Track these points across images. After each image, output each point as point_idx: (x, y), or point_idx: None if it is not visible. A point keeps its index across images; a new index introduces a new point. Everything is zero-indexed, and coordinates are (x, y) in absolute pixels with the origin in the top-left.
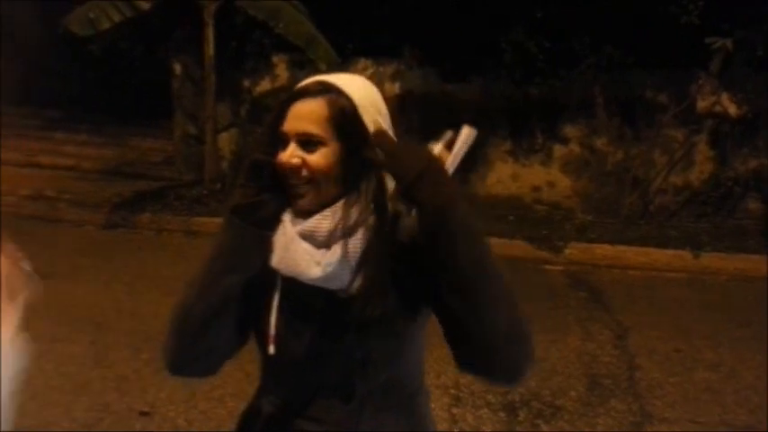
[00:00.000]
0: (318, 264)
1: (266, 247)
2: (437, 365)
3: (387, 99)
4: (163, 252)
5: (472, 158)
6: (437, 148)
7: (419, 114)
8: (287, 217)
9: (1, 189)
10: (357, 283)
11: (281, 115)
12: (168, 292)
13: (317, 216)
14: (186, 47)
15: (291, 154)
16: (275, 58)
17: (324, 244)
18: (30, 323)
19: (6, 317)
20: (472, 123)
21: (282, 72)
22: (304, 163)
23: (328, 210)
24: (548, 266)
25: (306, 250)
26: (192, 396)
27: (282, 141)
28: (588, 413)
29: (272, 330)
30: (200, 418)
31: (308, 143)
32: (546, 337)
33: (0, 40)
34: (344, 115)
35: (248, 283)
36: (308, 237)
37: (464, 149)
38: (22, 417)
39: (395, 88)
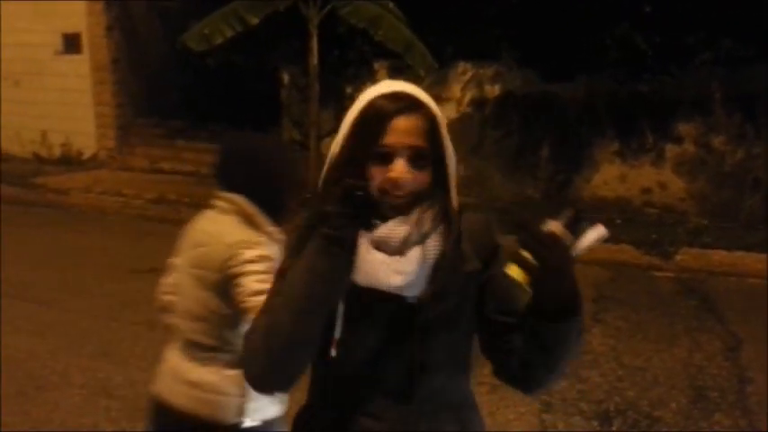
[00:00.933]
0: (398, 272)
1: (349, 270)
2: None
3: (487, 101)
4: None
5: (577, 160)
6: (557, 227)
7: (520, 115)
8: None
9: (130, 193)
10: (429, 289)
11: (377, 131)
12: None
13: (390, 224)
14: (293, 57)
15: (405, 170)
16: (376, 65)
17: (397, 251)
18: (149, 315)
19: None
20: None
21: (383, 78)
22: (413, 179)
23: (401, 218)
24: (657, 273)
25: (380, 260)
26: None
27: (386, 156)
28: (689, 426)
29: (337, 335)
30: None
31: (420, 157)
32: (650, 346)
33: (130, 57)
34: (435, 128)
35: None
36: (380, 245)
37: (590, 246)
38: (138, 398)
39: (495, 90)
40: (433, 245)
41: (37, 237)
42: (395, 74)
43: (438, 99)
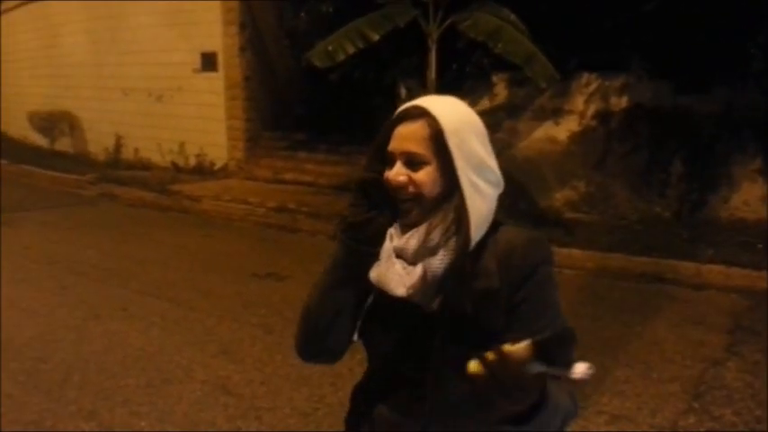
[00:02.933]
0: (403, 284)
1: (372, 261)
2: (653, 402)
3: (613, 113)
4: None
5: (713, 178)
6: (520, 348)
7: (649, 129)
8: (392, 230)
9: (254, 201)
10: (438, 300)
11: (386, 137)
12: None
13: (407, 234)
14: (411, 71)
15: (398, 172)
16: (495, 78)
17: (411, 261)
18: (267, 319)
19: None
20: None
21: (501, 91)
22: (410, 180)
23: (415, 229)
24: None
25: (396, 270)
26: None
27: (390, 160)
28: None
29: (359, 323)
30: None
31: (413, 162)
32: None
33: (260, 74)
34: (439, 136)
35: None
36: (400, 253)
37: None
38: (254, 398)
39: (622, 102)
40: (442, 258)
41: (171, 239)
42: (514, 86)
43: (560, 112)
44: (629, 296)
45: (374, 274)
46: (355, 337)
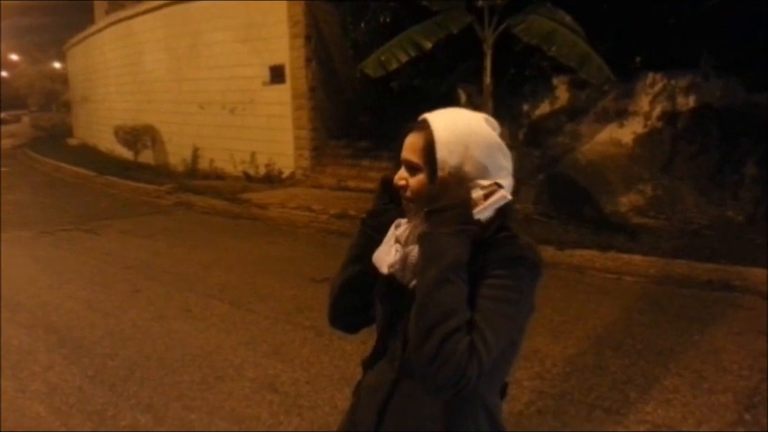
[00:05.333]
0: (387, 263)
1: (378, 246)
2: (700, 412)
3: (680, 114)
4: None
5: None
6: (476, 193)
7: (719, 129)
8: (400, 221)
9: (318, 208)
10: (414, 281)
11: (401, 146)
12: None
13: (407, 224)
14: (469, 77)
15: (399, 176)
16: (555, 80)
17: (404, 246)
18: (318, 322)
19: None
20: None
21: (563, 93)
22: (407, 184)
23: (413, 220)
24: None
25: (390, 251)
26: None
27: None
28: None
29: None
30: None
31: (411, 168)
32: None
33: (325, 85)
34: (430, 147)
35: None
36: (397, 240)
37: (492, 208)
38: (298, 396)
39: (689, 102)
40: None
41: (238, 245)
42: (575, 88)
43: (624, 113)
44: (691, 304)
45: (374, 255)
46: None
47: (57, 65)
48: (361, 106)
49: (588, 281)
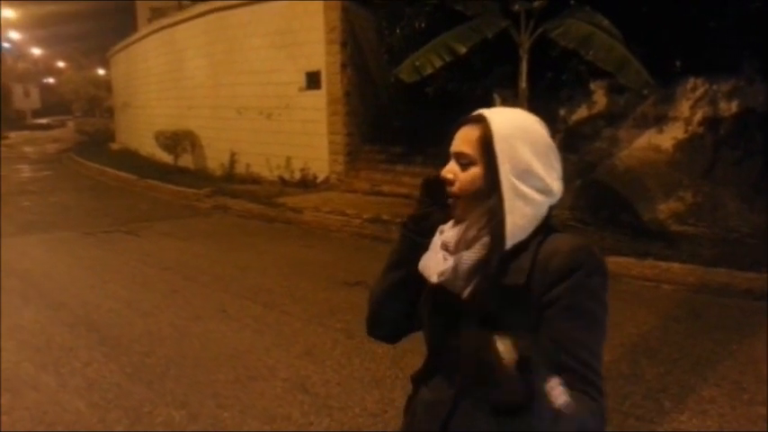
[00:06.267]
0: (437, 272)
1: (422, 251)
2: (737, 422)
3: (722, 119)
4: None
5: None
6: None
7: (763, 134)
8: (445, 226)
9: (351, 213)
10: (468, 290)
11: (451, 140)
12: None
13: (453, 229)
14: (505, 81)
15: (448, 169)
16: (593, 85)
17: (452, 253)
18: (350, 324)
19: None
20: None
21: (600, 98)
22: (456, 177)
23: (460, 225)
24: None
25: (438, 258)
26: None
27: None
28: None
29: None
30: None
31: (463, 161)
32: None
33: (360, 90)
34: (487, 140)
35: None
36: (444, 246)
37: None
38: (328, 397)
39: (732, 107)
40: (474, 252)
41: (273, 248)
42: (614, 93)
43: (664, 119)
44: (730, 313)
45: (421, 263)
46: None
47: (100, 71)
48: (395, 111)
49: (624, 288)
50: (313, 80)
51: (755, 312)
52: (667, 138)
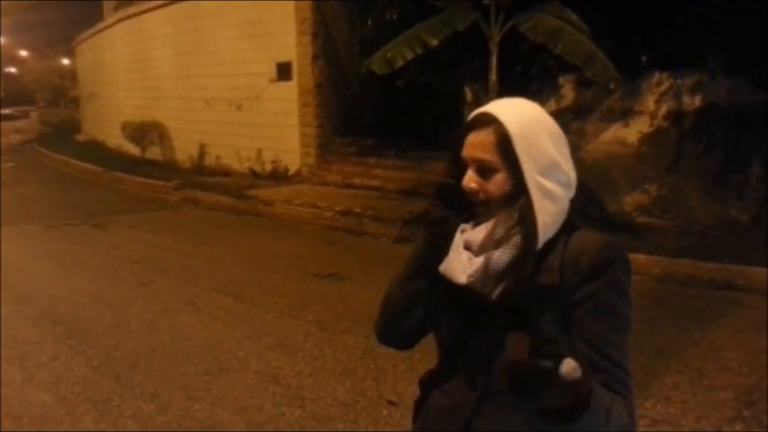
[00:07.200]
0: (465, 273)
1: (443, 255)
2: (700, 408)
3: (686, 113)
4: None
5: None
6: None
7: (725, 129)
8: (465, 227)
9: (323, 205)
10: (498, 290)
11: (460, 143)
12: None
13: (476, 228)
14: (476, 75)
15: (470, 179)
16: (561, 79)
17: (477, 253)
18: (321, 316)
19: None
20: None
21: (568, 92)
22: (481, 187)
23: (485, 224)
24: None
25: (462, 259)
26: None
27: (464, 165)
28: None
29: (429, 311)
30: None
31: (483, 169)
32: None
33: (332, 81)
34: (506, 142)
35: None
36: (468, 245)
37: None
38: (300, 388)
39: (695, 101)
40: (504, 251)
41: (244, 240)
42: (581, 87)
43: (629, 112)
44: (693, 302)
45: (443, 264)
46: (426, 326)
47: (65, 61)
48: (367, 104)
49: None
50: (284, 71)
51: (717, 301)
52: (633, 131)
